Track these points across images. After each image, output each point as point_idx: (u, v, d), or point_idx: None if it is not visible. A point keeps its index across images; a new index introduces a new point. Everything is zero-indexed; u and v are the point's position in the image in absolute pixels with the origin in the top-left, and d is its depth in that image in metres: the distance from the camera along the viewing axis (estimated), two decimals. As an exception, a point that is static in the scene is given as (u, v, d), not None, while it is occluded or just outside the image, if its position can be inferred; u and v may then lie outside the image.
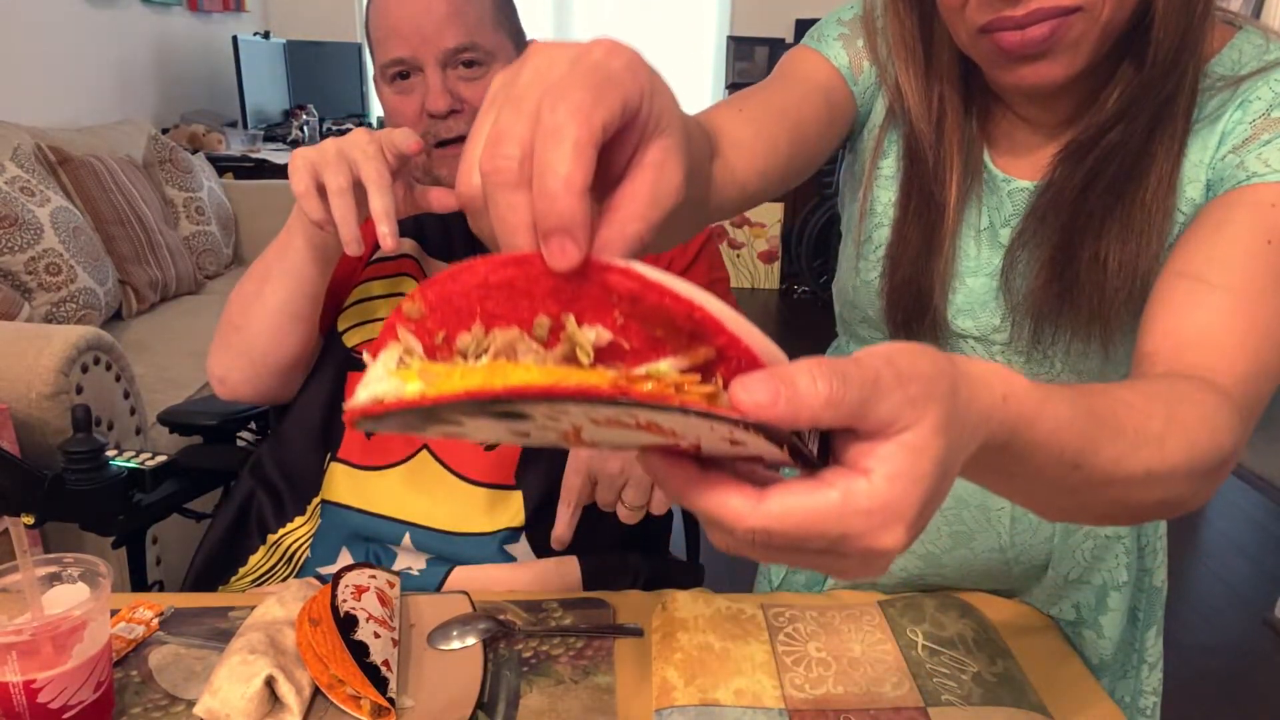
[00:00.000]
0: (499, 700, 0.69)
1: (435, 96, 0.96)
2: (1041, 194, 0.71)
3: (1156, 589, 0.87)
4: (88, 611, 0.62)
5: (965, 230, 0.76)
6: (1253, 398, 0.56)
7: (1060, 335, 0.72)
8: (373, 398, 0.33)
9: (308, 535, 1.01)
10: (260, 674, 0.64)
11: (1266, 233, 0.60)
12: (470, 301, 0.34)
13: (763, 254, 5.11)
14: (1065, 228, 0.69)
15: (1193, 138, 0.67)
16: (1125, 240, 0.67)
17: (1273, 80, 0.64)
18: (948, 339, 0.78)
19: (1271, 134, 0.63)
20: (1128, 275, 0.67)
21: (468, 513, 0.97)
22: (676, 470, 0.35)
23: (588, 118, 0.33)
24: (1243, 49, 0.67)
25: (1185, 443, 0.50)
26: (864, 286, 0.80)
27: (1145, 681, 0.88)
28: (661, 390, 0.30)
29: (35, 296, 2.29)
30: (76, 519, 0.93)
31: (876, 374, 0.33)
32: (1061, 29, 0.61)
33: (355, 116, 4.64)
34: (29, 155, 2.44)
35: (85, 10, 3.32)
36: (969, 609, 0.79)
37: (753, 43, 5.06)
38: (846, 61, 0.77)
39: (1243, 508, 2.82)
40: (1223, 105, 0.66)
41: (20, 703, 0.59)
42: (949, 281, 0.76)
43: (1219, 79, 0.66)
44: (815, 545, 0.34)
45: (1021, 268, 0.73)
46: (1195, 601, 2.32)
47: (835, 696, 0.68)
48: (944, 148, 0.73)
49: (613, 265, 0.32)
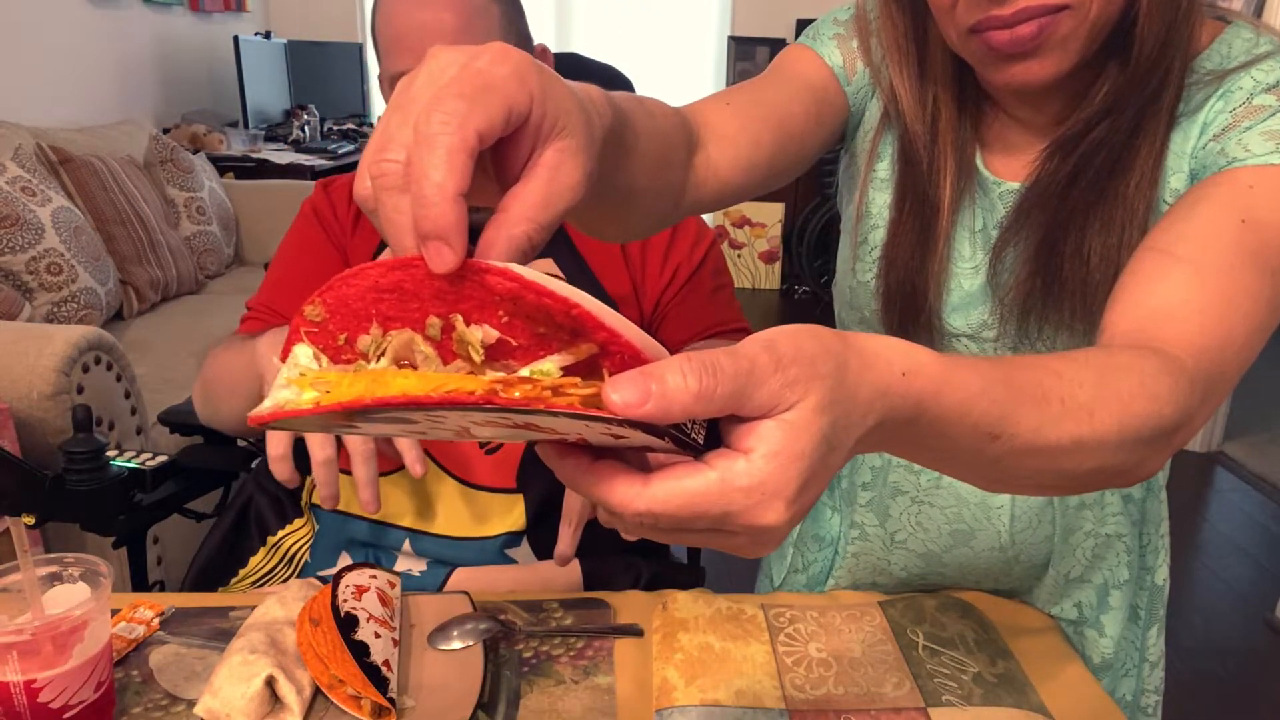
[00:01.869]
0: (499, 700, 0.69)
1: None
2: (1027, 191, 0.71)
3: (1159, 587, 0.87)
4: (88, 611, 0.62)
5: (959, 232, 0.76)
6: (1212, 370, 0.55)
7: (1046, 328, 0.72)
8: (275, 405, 0.35)
9: (308, 536, 1.01)
10: (261, 674, 0.64)
11: (1240, 211, 0.60)
12: (365, 304, 0.36)
13: (763, 254, 5.11)
14: (1049, 223, 0.69)
15: (1175, 130, 0.67)
16: (1107, 234, 0.67)
17: (1255, 71, 0.65)
18: (944, 339, 0.78)
19: (1252, 120, 0.63)
20: (1110, 268, 0.67)
21: (469, 517, 0.97)
22: (568, 460, 0.36)
23: (461, 125, 0.35)
24: (1232, 43, 0.67)
25: (1117, 410, 0.49)
26: (860, 288, 0.80)
27: (1147, 680, 0.88)
28: (529, 395, 0.31)
29: (36, 296, 2.29)
30: (77, 519, 0.93)
31: (752, 362, 0.34)
32: (1049, 27, 0.61)
33: (356, 117, 4.65)
34: (30, 155, 2.44)
35: (86, 10, 3.32)
36: (969, 609, 0.79)
37: (754, 43, 5.06)
38: (840, 61, 0.77)
39: (1243, 508, 2.82)
40: (1207, 98, 0.66)
41: (21, 702, 0.59)
42: (944, 282, 0.76)
43: (1206, 74, 0.66)
44: (700, 525, 0.36)
45: (1008, 263, 0.73)
46: (1196, 601, 2.32)
47: (836, 697, 0.68)
48: (938, 148, 0.73)
49: (491, 267, 0.34)
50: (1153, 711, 0.89)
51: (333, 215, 1.08)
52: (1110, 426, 0.49)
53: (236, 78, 4.00)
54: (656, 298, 1.10)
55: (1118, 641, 0.85)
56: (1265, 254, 0.58)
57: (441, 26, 0.94)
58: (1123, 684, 0.87)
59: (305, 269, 1.06)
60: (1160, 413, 0.51)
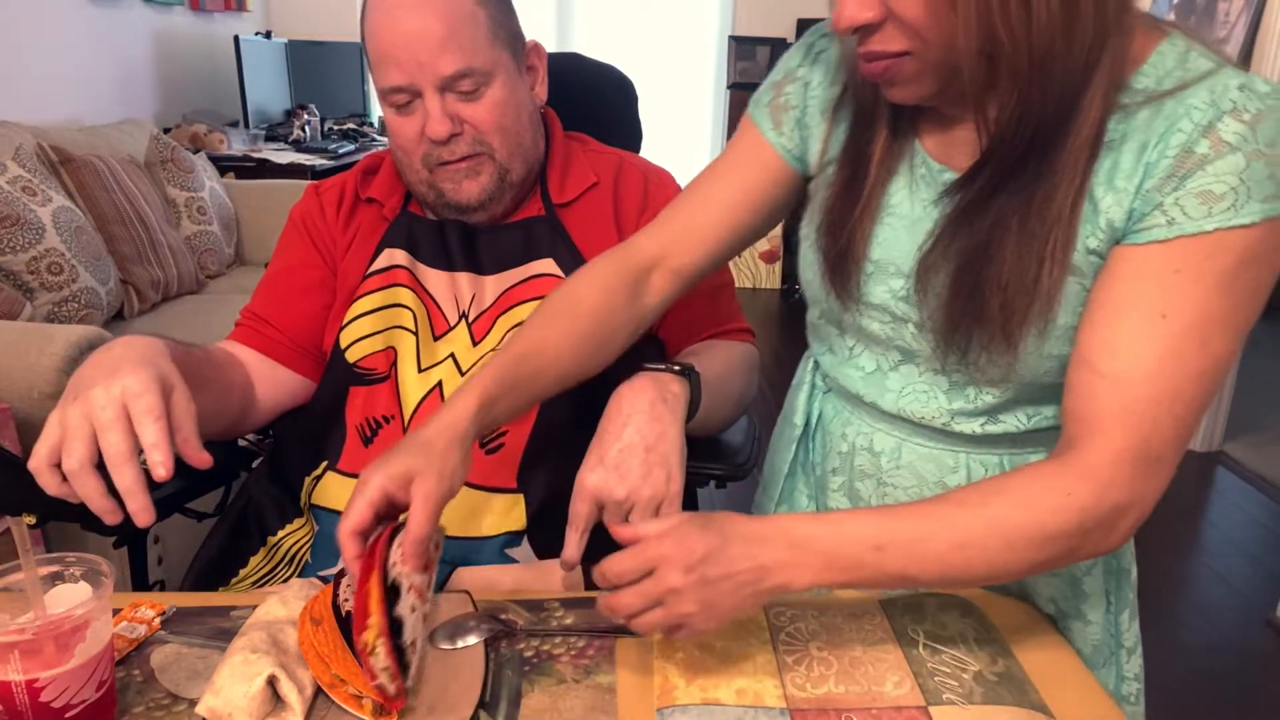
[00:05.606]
0: (500, 700, 0.69)
1: (435, 123, 0.96)
2: (947, 216, 0.73)
3: (1125, 570, 0.87)
4: (90, 611, 0.62)
5: (895, 191, 0.78)
6: (1134, 464, 0.65)
7: (972, 351, 0.74)
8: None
9: (308, 536, 1.01)
10: (262, 673, 0.64)
11: (1162, 306, 0.64)
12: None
13: (764, 254, 5.11)
14: (967, 250, 0.71)
15: (1107, 154, 0.66)
16: (1024, 258, 0.68)
17: (1194, 110, 0.63)
18: (867, 311, 0.81)
19: (1189, 171, 0.63)
20: (1027, 295, 0.69)
21: (469, 517, 0.97)
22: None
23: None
24: (1167, 56, 0.66)
25: (992, 520, 0.65)
26: (808, 266, 0.85)
27: (1126, 667, 0.88)
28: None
29: (37, 296, 2.29)
30: (78, 519, 0.93)
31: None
32: (894, 69, 0.66)
33: (356, 116, 4.65)
34: (31, 155, 2.44)
35: (87, 9, 3.32)
36: (970, 608, 0.79)
37: (754, 42, 5.06)
38: (776, 132, 0.84)
39: (1243, 508, 2.83)
40: (1149, 126, 0.65)
41: (23, 702, 0.59)
42: (871, 241, 0.78)
43: (1140, 93, 0.65)
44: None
45: (934, 281, 0.74)
46: (1196, 601, 2.32)
47: (837, 696, 0.68)
48: (879, 108, 0.76)
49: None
50: (1135, 700, 0.89)
51: (321, 219, 1.08)
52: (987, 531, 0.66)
53: (237, 77, 4.00)
54: (657, 297, 1.10)
55: (1102, 627, 0.86)
56: (1187, 341, 0.64)
57: (427, 36, 0.93)
58: (1102, 674, 0.87)
59: (291, 284, 1.07)
60: (1055, 521, 0.65)
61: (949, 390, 0.79)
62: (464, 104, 0.97)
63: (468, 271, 1.04)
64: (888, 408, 0.82)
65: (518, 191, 1.05)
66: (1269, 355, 3.99)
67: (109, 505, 0.67)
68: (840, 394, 0.88)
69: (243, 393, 1.00)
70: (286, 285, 1.07)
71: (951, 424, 0.79)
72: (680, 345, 1.09)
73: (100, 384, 0.69)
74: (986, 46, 0.61)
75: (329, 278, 1.06)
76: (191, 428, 0.73)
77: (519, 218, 1.07)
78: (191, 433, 0.73)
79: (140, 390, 0.69)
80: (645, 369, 0.87)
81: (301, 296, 1.05)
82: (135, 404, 0.69)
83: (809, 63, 0.84)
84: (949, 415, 0.79)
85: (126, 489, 0.67)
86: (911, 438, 0.82)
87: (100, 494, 0.67)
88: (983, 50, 0.61)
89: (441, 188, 1.00)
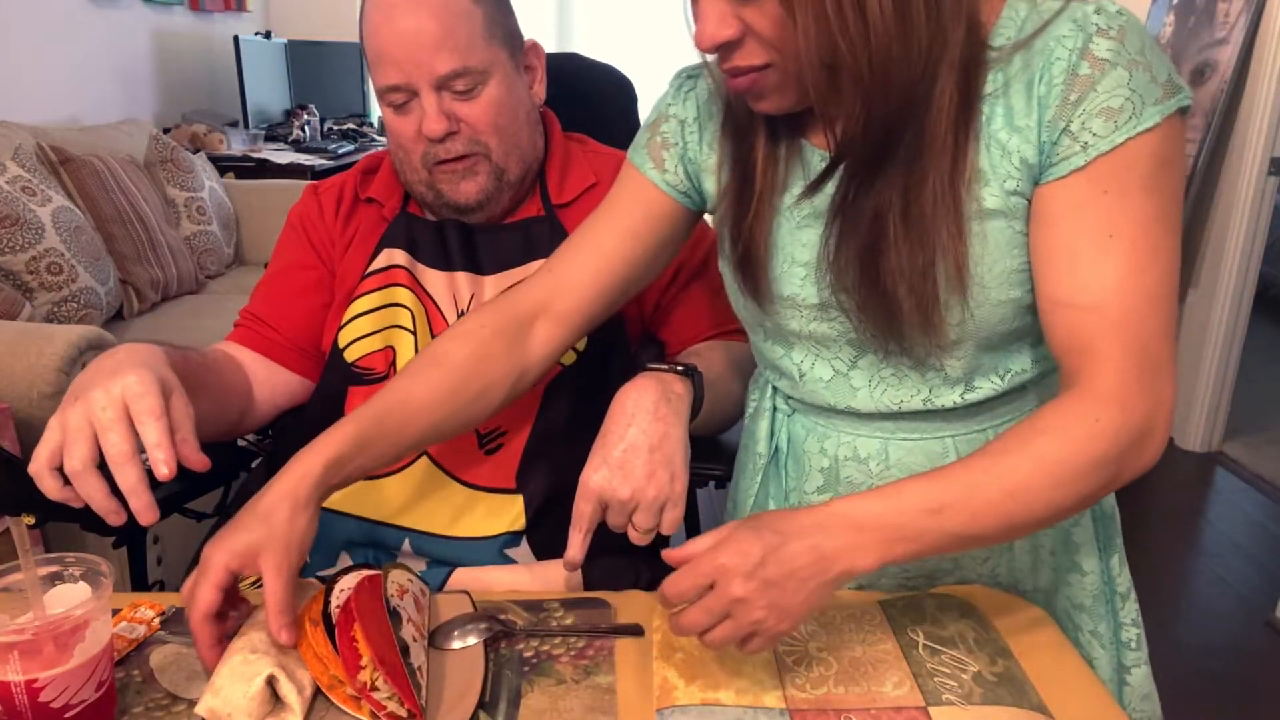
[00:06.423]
0: (500, 700, 0.69)
1: (431, 121, 0.96)
2: (835, 205, 0.74)
3: (1109, 515, 0.88)
4: (89, 611, 0.62)
5: (792, 182, 0.79)
6: (1141, 374, 0.67)
7: (905, 332, 0.75)
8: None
9: (308, 535, 1.01)
10: (262, 673, 0.64)
11: (1107, 228, 0.67)
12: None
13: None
14: (860, 249, 0.73)
15: (1002, 100, 0.69)
16: (914, 246, 0.70)
17: (1064, 39, 0.67)
18: (780, 306, 0.81)
19: (1082, 93, 0.66)
20: (929, 279, 0.71)
21: (468, 517, 0.97)
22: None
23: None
24: (1017, 8, 0.70)
25: (1036, 459, 0.66)
26: (728, 284, 0.86)
27: (1122, 614, 0.88)
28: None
29: (36, 296, 2.29)
30: (77, 519, 0.93)
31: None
32: (759, 82, 0.70)
33: (356, 116, 4.65)
34: (30, 155, 2.44)
35: (87, 9, 3.32)
36: (969, 608, 0.79)
37: (753, 42, 5.06)
38: (658, 171, 0.86)
39: (1243, 508, 2.83)
40: (1027, 66, 0.68)
41: (22, 702, 0.59)
42: (769, 229, 0.80)
43: (1000, 49, 0.69)
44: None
45: (845, 280, 0.75)
46: (1195, 601, 2.32)
47: (836, 696, 0.68)
48: (756, 116, 0.77)
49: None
50: (1136, 645, 0.88)
51: (319, 219, 1.08)
52: (1035, 473, 0.66)
53: (237, 77, 4.00)
54: (657, 297, 1.10)
55: (1100, 574, 0.87)
56: (1140, 251, 0.67)
57: (423, 35, 0.93)
58: (1100, 624, 0.87)
59: (289, 285, 1.07)
60: (1088, 449, 0.66)
61: (915, 367, 0.78)
62: (460, 103, 0.97)
63: (467, 271, 1.04)
64: (863, 407, 0.81)
65: (516, 191, 1.05)
66: (1268, 355, 4.00)
67: (112, 505, 0.68)
68: (808, 413, 0.87)
69: (241, 394, 1.00)
70: (285, 286, 1.07)
71: (932, 399, 0.79)
72: (681, 346, 1.09)
73: (100, 386, 0.69)
74: (827, 58, 0.64)
75: (327, 278, 1.06)
76: (190, 430, 0.73)
77: (518, 218, 1.07)
78: (190, 435, 0.73)
79: (141, 391, 0.69)
80: (648, 369, 0.87)
81: (300, 297, 1.06)
82: (136, 404, 0.69)
83: (680, 101, 0.86)
84: (926, 391, 0.79)
85: (129, 488, 0.67)
86: (896, 434, 0.82)
87: (103, 494, 0.68)
88: (823, 61, 0.65)
89: (440, 188, 1.00)
